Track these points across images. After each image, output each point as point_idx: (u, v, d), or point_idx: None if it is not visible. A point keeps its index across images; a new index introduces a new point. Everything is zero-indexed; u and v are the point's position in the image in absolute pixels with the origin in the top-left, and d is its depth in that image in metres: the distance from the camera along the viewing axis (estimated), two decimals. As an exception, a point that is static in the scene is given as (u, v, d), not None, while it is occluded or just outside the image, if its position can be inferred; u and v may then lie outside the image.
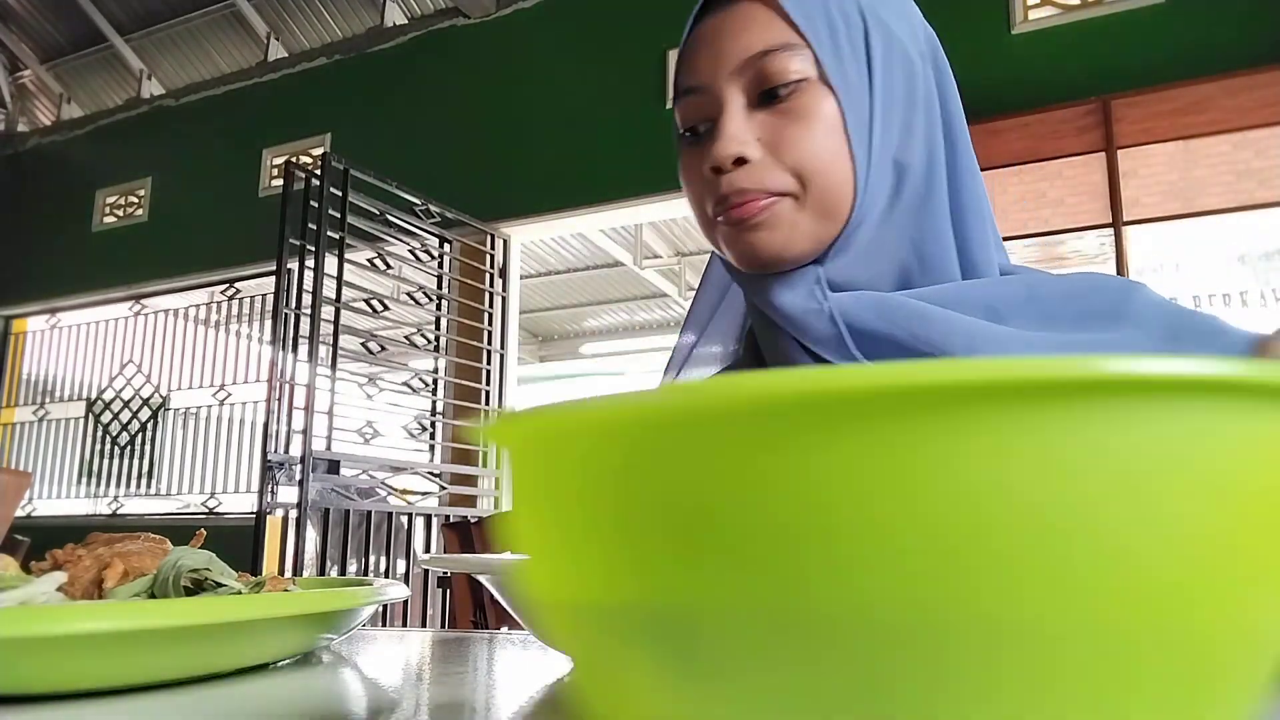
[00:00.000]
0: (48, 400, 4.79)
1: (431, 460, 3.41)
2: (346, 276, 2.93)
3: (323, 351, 2.83)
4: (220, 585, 0.43)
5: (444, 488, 3.23)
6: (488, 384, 3.49)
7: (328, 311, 2.84)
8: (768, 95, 0.50)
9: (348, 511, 2.84)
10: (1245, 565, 0.16)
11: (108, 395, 4.61)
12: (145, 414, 4.48)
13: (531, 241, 4.92)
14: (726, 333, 0.66)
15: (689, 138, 0.54)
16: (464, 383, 3.41)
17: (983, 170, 0.57)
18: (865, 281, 0.52)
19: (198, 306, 4.42)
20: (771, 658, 0.17)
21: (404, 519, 3.11)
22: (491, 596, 1.30)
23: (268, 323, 3.87)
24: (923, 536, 0.15)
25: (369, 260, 3.19)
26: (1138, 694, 0.16)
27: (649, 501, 0.18)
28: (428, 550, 3.26)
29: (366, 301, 3.07)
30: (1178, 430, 0.15)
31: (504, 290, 3.61)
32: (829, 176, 0.50)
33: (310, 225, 2.87)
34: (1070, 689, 0.16)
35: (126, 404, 4.54)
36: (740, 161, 0.50)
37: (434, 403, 3.37)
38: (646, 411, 0.17)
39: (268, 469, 2.66)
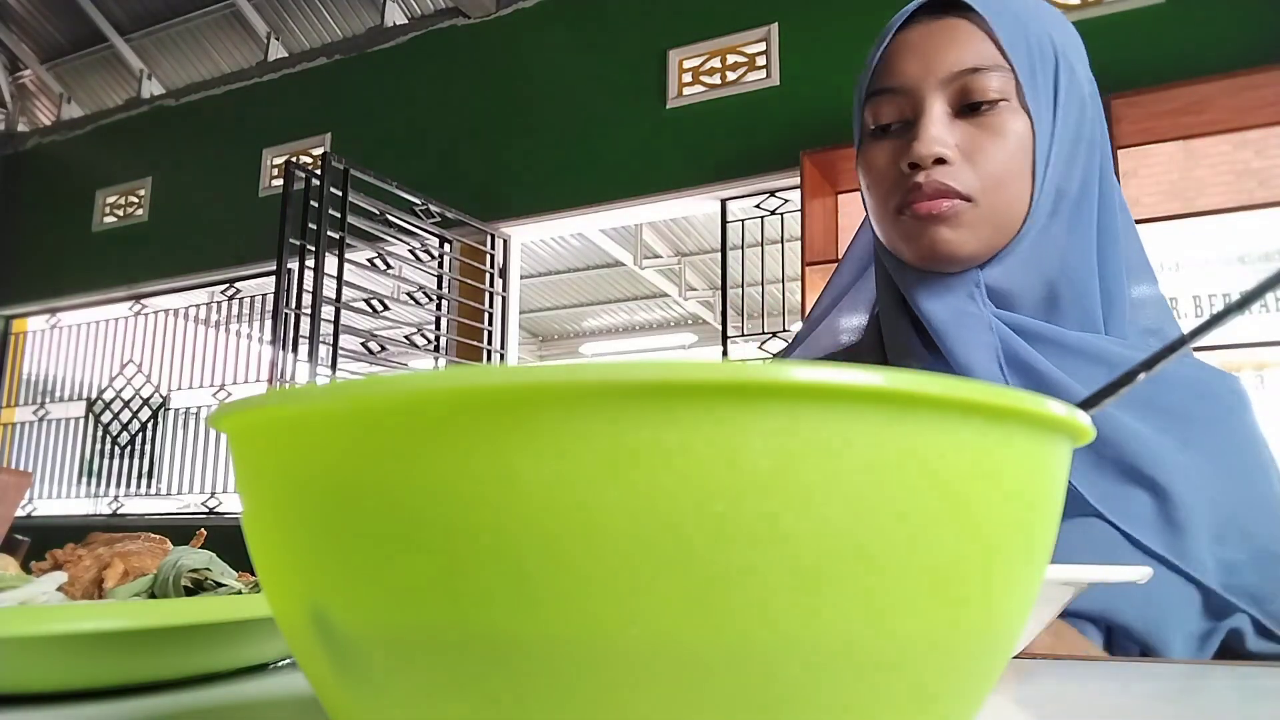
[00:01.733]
0: (48, 400, 4.79)
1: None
2: (346, 276, 2.93)
3: (323, 351, 2.83)
4: (220, 585, 0.43)
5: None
6: (488, 384, 3.49)
7: (328, 311, 2.84)
8: (968, 108, 0.55)
9: (348, 511, 2.83)
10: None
11: (108, 395, 4.61)
12: (145, 414, 4.48)
13: (531, 241, 4.91)
14: (861, 309, 0.71)
15: (876, 133, 0.58)
16: (464, 383, 3.40)
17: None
18: (1017, 292, 0.58)
19: (198, 306, 4.42)
20: (433, 675, 0.16)
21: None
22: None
23: (268, 323, 3.87)
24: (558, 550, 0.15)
25: (369, 260, 3.19)
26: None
27: (305, 506, 0.17)
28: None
29: (366, 301, 3.07)
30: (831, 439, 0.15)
31: (504, 290, 3.60)
32: (1011, 190, 0.55)
33: (310, 225, 2.87)
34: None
35: (126, 404, 4.54)
36: (939, 162, 0.54)
37: (434, 403, 3.36)
38: (292, 411, 0.16)
39: (268, 469, 2.65)
